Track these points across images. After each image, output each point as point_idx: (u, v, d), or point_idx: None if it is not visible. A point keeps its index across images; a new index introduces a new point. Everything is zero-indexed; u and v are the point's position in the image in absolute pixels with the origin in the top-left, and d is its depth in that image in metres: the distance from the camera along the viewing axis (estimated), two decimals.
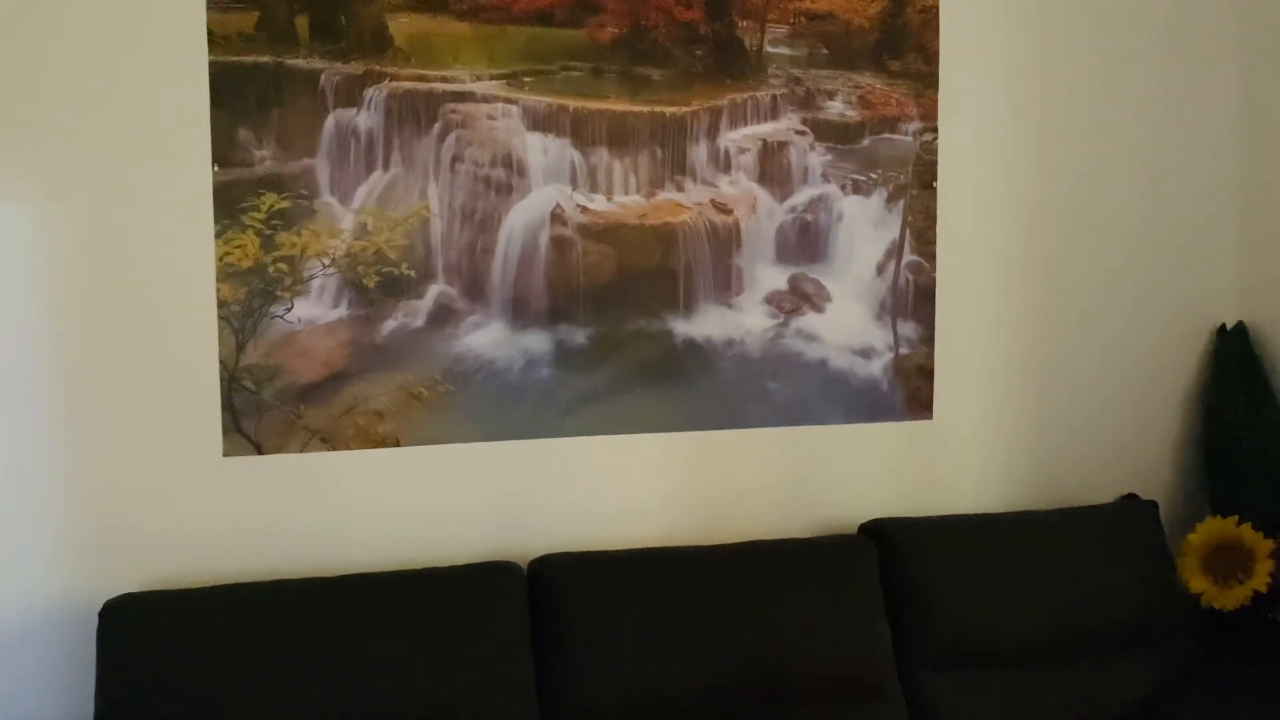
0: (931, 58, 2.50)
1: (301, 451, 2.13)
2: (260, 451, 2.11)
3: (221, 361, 2.07)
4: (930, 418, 2.54)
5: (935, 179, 2.52)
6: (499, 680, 2.01)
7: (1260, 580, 2.42)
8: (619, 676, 2.07)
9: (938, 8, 2.49)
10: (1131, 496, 2.63)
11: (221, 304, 2.07)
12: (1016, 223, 2.59)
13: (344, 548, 2.15)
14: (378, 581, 2.05)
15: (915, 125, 2.51)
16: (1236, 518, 2.48)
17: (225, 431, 2.08)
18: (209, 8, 2.03)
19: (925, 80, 2.50)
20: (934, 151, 2.51)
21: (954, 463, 2.57)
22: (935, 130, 2.51)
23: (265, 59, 2.08)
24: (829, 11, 2.43)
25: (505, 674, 2.02)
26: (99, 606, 1.92)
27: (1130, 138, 2.66)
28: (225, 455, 2.09)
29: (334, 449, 2.15)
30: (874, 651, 2.23)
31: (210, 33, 2.04)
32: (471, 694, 1.99)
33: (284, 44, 2.09)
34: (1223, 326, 2.73)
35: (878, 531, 2.35)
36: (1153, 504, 2.57)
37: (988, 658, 2.29)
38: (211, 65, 2.04)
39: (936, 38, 2.50)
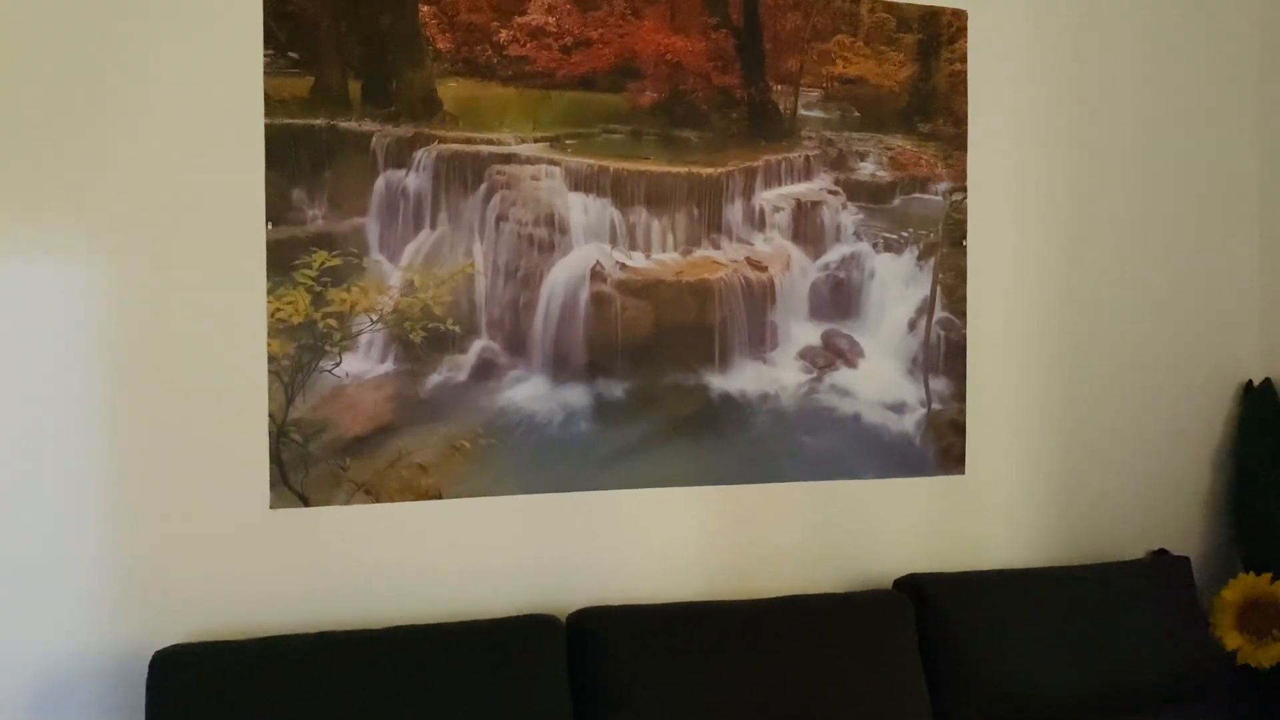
0: (960, 120, 2.57)
1: (346, 504, 2.16)
2: (306, 504, 2.14)
3: (271, 415, 2.11)
4: (963, 473, 2.57)
5: (965, 237, 2.57)
6: None
7: None
8: None
9: (966, 72, 2.56)
10: (1162, 552, 2.65)
11: (272, 359, 2.11)
12: (1046, 280, 2.64)
13: (387, 600, 2.17)
14: (420, 634, 2.06)
15: (945, 185, 2.57)
16: (1270, 575, 2.49)
17: (273, 484, 2.12)
18: (266, 73, 2.11)
19: (954, 142, 2.57)
20: (963, 211, 2.57)
21: (986, 518, 2.59)
22: (964, 190, 2.57)
23: (319, 122, 2.15)
24: (860, 76, 2.51)
25: None
26: (147, 657, 1.94)
27: (1156, 198, 2.72)
28: (272, 507, 2.12)
29: (378, 501, 2.18)
30: (911, 707, 2.23)
31: (267, 96, 2.11)
32: None
33: (337, 107, 2.16)
34: (1249, 383, 2.76)
35: (913, 586, 2.37)
36: (1184, 560, 2.58)
37: (1025, 715, 2.29)
38: (267, 128, 2.11)
39: (965, 101, 2.57)
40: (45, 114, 1.98)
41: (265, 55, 2.10)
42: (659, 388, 2.37)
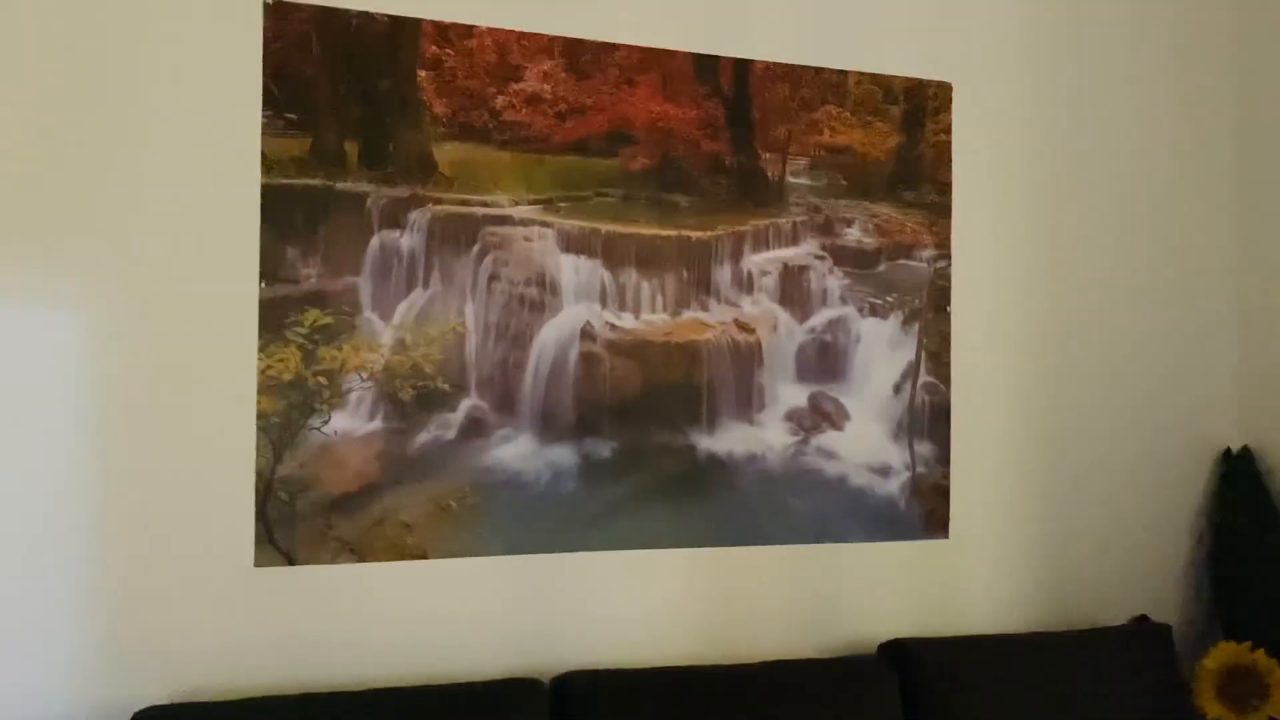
0: (944, 189, 2.62)
1: (331, 563, 2.15)
2: (291, 562, 2.13)
3: (258, 472, 2.11)
4: (947, 537, 2.58)
5: (949, 303, 2.61)
6: None
7: (1277, 707, 2.43)
8: None
9: (950, 143, 2.63)
10: (1143, 618, 2.66)
11: (261, 415, 2.12)
12: (1029, 346, 2.68)
13: (370, 660, 2.15)
14: (403, 696, 2.05)
15: (929, 252, 2.61)
16: (1250, 643, 2.51)
17: (258, 541, 2.11)
18: (264, 134, 2.14)
19: (938, 210, 2.62)
20: (947, 277, 2.62)
21: (970, 582, 2.61)
22: (949, 257, 2.62)
23: (315, 181, 2.17)
24: (848, 145, 2.56)
25: None
26: (126, 717, 1.91)
27: (1135, 268, 2.78)
28: (256, 565, 2.11)
29: (363, 561, 2.17)
30: None
31: (264, 156, 2.14)
32: None
33: (334, 168, 2.19)
34: (1228, 451, 2.80)
35: (897, 652, 2.37)
36: (1166, 627, 2.59)
37: None
38: (264, 187, 2.13)
39: (949, 170, 2.63)
40: (42, 168, 2.00)
41: (264, 116, 2.13)
42: (646, 447, 2.39)
